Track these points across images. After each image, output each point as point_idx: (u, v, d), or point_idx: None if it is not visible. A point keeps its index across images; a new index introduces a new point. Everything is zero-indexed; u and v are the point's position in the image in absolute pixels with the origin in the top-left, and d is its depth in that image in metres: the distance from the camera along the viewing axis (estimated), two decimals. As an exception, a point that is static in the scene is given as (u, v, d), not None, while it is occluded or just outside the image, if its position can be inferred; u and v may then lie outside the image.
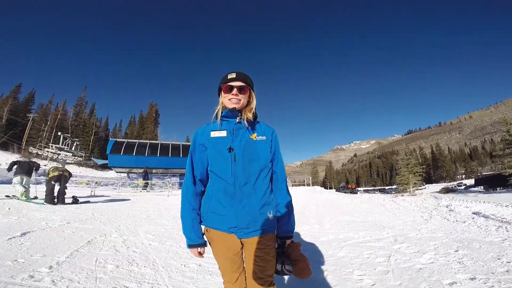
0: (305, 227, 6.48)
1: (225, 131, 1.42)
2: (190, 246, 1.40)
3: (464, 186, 39.26)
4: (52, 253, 3.39)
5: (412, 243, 4.59)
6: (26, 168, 8.84)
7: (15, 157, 27.05)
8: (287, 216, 1.47)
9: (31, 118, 43.52)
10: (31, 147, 31.38)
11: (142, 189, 18.98)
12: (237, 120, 1.42)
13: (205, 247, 1.44)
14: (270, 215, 1.39)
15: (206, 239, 1.44)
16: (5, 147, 36.91)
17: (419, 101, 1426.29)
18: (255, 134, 1.44)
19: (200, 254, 1.44)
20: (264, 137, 1.46)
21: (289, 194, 1.53)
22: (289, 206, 1.49)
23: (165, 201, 12.06)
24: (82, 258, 3.32)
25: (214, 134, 1.42)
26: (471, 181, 49.21)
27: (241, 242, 1.39)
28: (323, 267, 3.45)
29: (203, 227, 1.44)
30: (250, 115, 1.45)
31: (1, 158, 27.99)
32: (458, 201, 11.67)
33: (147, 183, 19.58)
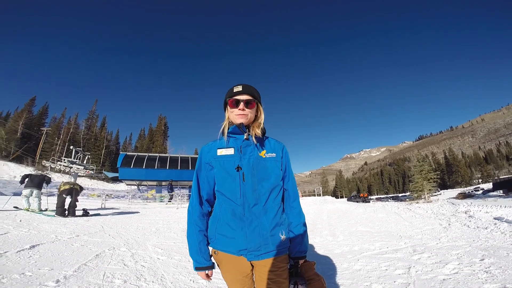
0: (318, 239, 6.27)
1: (233, 149, 1.34)
2: (197, 268, 1.32)
3: (481, 191, 37.67)
4: (60, 267, 3.34)
5: (433, 253, 4.40)
6: (36, 182, 8.94)
7: (29, 170, 27.75)
8: (300, 237, 1.37)
9: (44, 132, 44.79)
10: (44, 161, 32.13)
11: (168, 201, 19.22)
12: (245, 137, 1.33)
13: (213, 269, 1.36)
14: (282, 236, 1.31)
15: (214, 261, 1.36)
16: (19, 160, 37.99)
17: (429, 106, 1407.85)
18: (264, 151, 1.36)
19: (208, 276, 1.35)
20: (274, 154, 1.38)
21: (302, 213, 1.44)
22: (303, 226, 1.41)
23: (175, 213, 11.99)
24: (90, 272, 3.25)
25: (221, 152, 1.34)
26: (488, 185, 47.67)
27: (251, 264, 1.30)
28: (338, 281, 3.27)
29: (210, 248, 1.36)
30: (258, 131, 1.36)
31: (16, 171, 28.80)
32: (477, 207, 11.24)
33: (172, 195, 19.82)
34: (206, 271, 1.32)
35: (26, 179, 8.98)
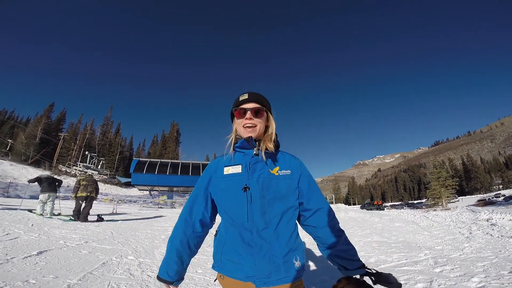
0: (331, 248, 6.02)
1: (240, 166, 1.18)
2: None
3: (503, 197, 35.95)
4: (65, 275, 3.26)
5: (456, 265, 4.12)
6: (54, 186, 9.10)
7: (47, 174, 28.61)
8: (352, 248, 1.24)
9: (62, 138, 46.25)
10: (61, 165, 33.08)
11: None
12: (254, 152, 1.17)
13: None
14: (297, 262, 1.14)
15: (219, 284, 1.22)
16: (38, 164, 39.24)
17: (445, 111, 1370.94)
18: (277, 168, 1.19)
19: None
20: (289, 171, 1.20)
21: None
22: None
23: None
24: (95, 281, 3.15)
25: (227, 170, 1.19)
26: (510, 192, 45.89)
27: None
28: (355, 295, 3.04)
29: (216, 272, 1.22)
30: (270, 145, 1.19)
31: (34, 175, 29.63)
32: (499, 214, 10.65)
33: None
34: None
35: (42, 180, 9.09)
